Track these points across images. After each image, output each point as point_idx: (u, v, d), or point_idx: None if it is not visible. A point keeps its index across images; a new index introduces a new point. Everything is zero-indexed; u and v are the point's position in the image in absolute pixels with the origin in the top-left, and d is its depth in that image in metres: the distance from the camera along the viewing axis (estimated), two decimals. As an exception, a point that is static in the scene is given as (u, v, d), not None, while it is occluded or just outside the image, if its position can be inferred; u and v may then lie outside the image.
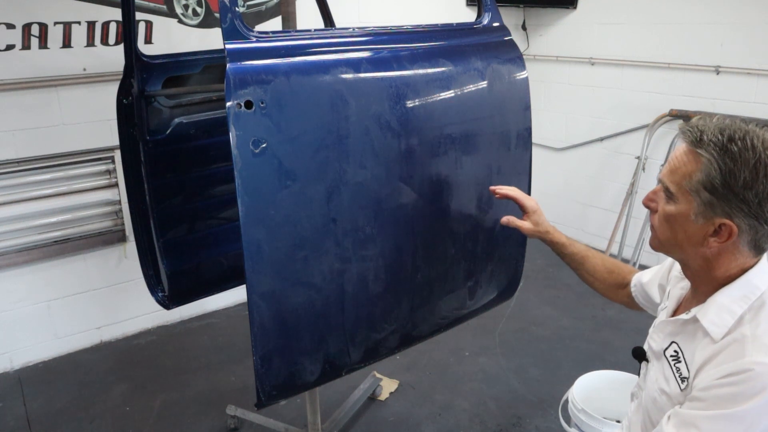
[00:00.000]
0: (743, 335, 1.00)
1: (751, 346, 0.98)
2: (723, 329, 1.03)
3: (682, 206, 1.04)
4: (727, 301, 1.05)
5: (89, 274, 3.02)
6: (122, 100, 2.16)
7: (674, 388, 1.09)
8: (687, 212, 1.04)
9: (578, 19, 4.07)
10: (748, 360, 0.96)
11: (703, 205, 1.02)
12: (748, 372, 0.95)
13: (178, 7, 2.95)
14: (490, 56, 1.73)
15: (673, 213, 1.06)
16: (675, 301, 1.21)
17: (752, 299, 1.04)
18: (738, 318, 1.03)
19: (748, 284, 1.05)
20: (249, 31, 1.37)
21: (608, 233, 3.88)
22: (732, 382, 0.96)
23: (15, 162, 2.72)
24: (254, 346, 1.43)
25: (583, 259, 1.53)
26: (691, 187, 1.02)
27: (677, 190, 1.05)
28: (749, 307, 1.03)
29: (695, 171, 1.01)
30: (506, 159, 1.80)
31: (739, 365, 0.97)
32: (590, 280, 1.54)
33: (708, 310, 1.06)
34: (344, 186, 1.45)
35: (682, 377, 1.08)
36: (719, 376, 0.98)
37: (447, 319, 1.86)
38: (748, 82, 3.28)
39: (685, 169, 1.03)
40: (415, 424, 2.53)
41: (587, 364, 2.72)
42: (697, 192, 1.02)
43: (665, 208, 1.08)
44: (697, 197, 1.02)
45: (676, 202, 1.05)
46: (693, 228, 1.05)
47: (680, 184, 1.04)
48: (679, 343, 1.12)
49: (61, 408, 2.64)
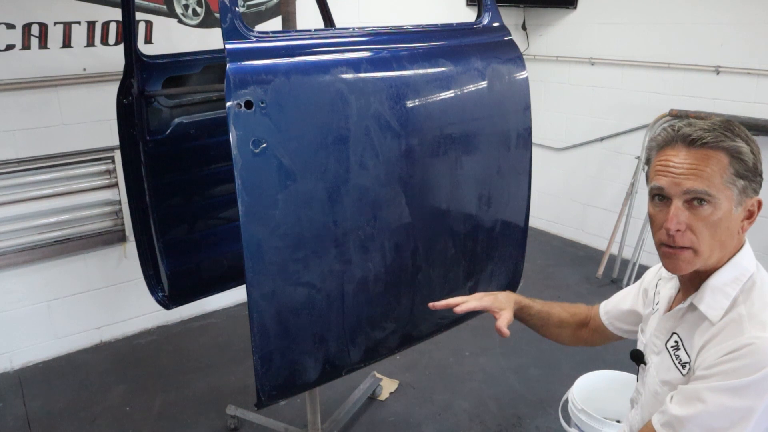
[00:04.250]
0: (740, 314, 1.03)
1: (749, 324, 1.01)
2: (720, 311, 1.06)
3: (724, 204, 1.03)
4: (720, 284, 1.08)
5: (89, 274, 3.02)
6: (122, 100, 2.16)
7: (675, 374, 1.11)
8: (729, 207, 1.04)
9: (578, 19, 4.07)
10: (748, 336, 0.99)
11: (740, 193, 1.04)
12: (749, 346, 0.97)
13: (178, 7, 2.95)
14: (490, 56, 1.73)
15: (719, 215, 1.03)
16: (667, 300, 1.22)
17: (743, 281, 1.07)
18: (732, 299, 1.06)
19: (738, 266, 1.08)
20: (249, 31, 1.37)
21: (608, 233, 3.87)
22: (735, 357, 0.98)
23: (15, 162, 2.72)
24: (254, 346, 1.43)
25: (548, 313, 1.50)
26: (728, 180, 1.02)
27: (716, 190, 1.02)
28: (741, 288, 1.07)
29: (725, 164, 1.02)
30: (506, 159, 1.80)
31: (740, 341, 0.99)
32: (556, 332, 1.51)
33: (703, 295, 1.09)
34: (344, 186, 1.45)
35: (683, 363, 1.10)
36: (722, 354, 1.00)
37: (447, 319, 1.86)
38: (748, 82, 3.28)
39: (711, 169, 1.02)
40: (415, 424, 2.53)
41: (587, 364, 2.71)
42: (733, 183, 1.03)
43: (710, 215, 1.03)
44: (734, 187, 1.03)
45: (717, 203, 1.03)
46: (734, 219, 1.06)
47: (716, 182, 1.02)
48: (679, 333, 1.14)
49: (61, 408, 2.64)
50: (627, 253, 3.80)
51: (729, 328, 1.03)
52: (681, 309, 1.14)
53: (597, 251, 4.12)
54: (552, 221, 4.51)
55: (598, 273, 3.78)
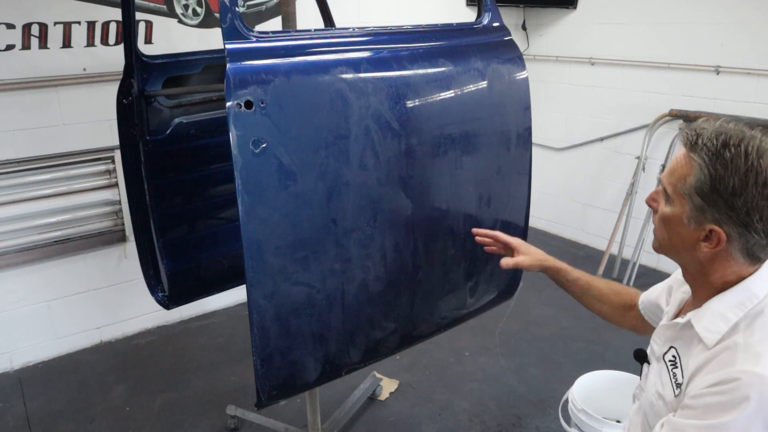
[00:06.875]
0: (735, 343, 0.99)
1: (743, 355, 0.96)
2: (716, 336, 1.01)
3: (677, 209, 1.04)
4: (722, 308, 1.03)
5: (89, 274, 3.02)
6: (122, 100, 2.16)
7: (669, 393, 1.08)
8: (681, 215, 1.03)
9: (578, 19, 4.07)
10: (737, 369, 0.95)
11: (695, 209, 1.01)
12: (735, 381, 0.94)
13: (178, 7, 2.95)
14: (490, 56, 1.73)
15: (669, 215, 1.06)
16: (676, 305, 1.21)
17: (749, 307, 1.01)
18: (732, 325, 1.01)
19: (746, 291, 1.03)
20: (249, 31, 1.38)
21: (608, 233, 3.88)
22: (719, 391, 0.95)
23: (15, 162, 2.72)
24: (254, 346, 1.43)
25: (588, 284, 1.48)
26: (685, 191, 1.02)
27: (673, 192, 1.04)
28: (745, 314, 1.01)
29: (689, 174, 1.00)
30: (506, 159, 1.80)
31: (728, 373, 0.95)
32: (597, 305, 1.49)
33: (703, 315, 1.05)
34: (344, 186, 1.45)
35: (677, 383, 1.07)
36: (708, 384, 0.97)
37: (447, 319, 1.86)
38: (748, 82, 3.28)
39: (680, 171, 1.02)
40: (415, 424, 2.53)
41: (587, 364, 2.72)
42: (689, 196, 1.01)
43: (663, 209, 1.07)
44: (690, 201, 1.01)
45: (672, 204, 1.05)
46: (686, 232, 1.04)
47: (675, 187, 1.03)
48: (677, 348, 1.11)
49: (61, 408, 2.64)
50: (627, 253, 3.80)
51: (722, 357, 0.99)
52: (679, 324, 1.11)
53: (597, 251, 4.12)
54: (552, 221, 4.51)
55: (598, 273, 3.78)
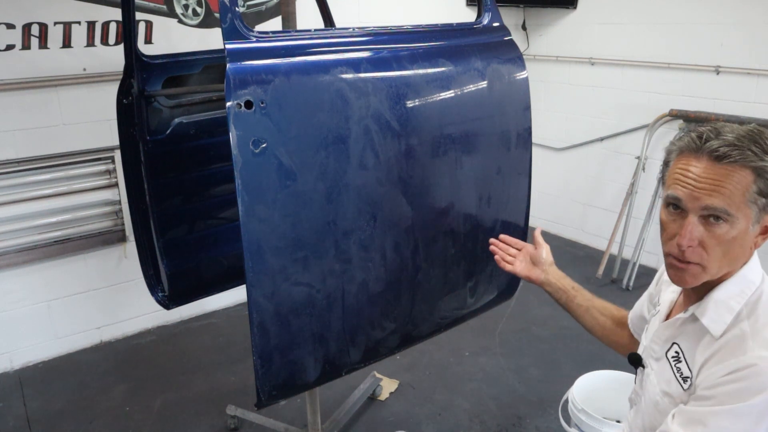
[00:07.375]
0: (743, 331, 1.00)
1: (752, 342, 0.98)
2: (722, 326, 1.03)
3: (742, 222, 0.99)
4: (725, 298, 1.05)
5: (89, 274, 3.02)
6: (122, 100, 2.16)
7: (676, 388, 1.09)
8: (746, 225, 1.00)
9: (578, 19, 4.07)
10: (751, 355, 0.97)
11: (759, 211, 0.99)
12: (752, 367, 0.95)
13: (178, 7, 2.95)
14: (490, 56, 1.73)
15: (737, 233, 1.00)
16: (667, 305, 1.21)
17: (748, 294, 1.04)
18: (736, 314, 1.03)
19: (744, 279, 1.05)
20: (249, 31, 1.37)
21: (608, 233, 3.87)
22: (737, 378, 0.96)
23: (15, 162, 2.72)
24: (254, 346, 1.43)
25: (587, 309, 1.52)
26: (750, 198, 0.98)
27: (736, 209, 0.98)
28: (746, 302, 1.04)
29: (750, 182, 0.97)
30: (506, 159, 1.80)
31: (742, 361, 0.97)
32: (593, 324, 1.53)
33: (706, 307, 1.06)
34: (344, 186, 1.45)
35: (684, 377, 1.08)
36: (724, 374, 0.98)
37: (447, 319, 1.86)
38: (748, 82, 3.28)
39: (734, 185, 0.97)
40: (415, 424, 2.53)
41: (587, 364, 2.71)
42: (754, 201, 0.98)
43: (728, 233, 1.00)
44: (755, 206, 0.98)
45: (735, 220, 0.99)
46: (749, 237, 1.02)
47: (737, 201, 0.98)
48: (679, 343, 1.12)
49: (61, 408, 2.64)
50: (627, 253, 3.80)
51: (731, 345, 1.00)
52: (681, 318, 1.12)
53: (597, 251, 4.12)
54: (552, 221, 4.51)
55: (598, 273, 3.78)
